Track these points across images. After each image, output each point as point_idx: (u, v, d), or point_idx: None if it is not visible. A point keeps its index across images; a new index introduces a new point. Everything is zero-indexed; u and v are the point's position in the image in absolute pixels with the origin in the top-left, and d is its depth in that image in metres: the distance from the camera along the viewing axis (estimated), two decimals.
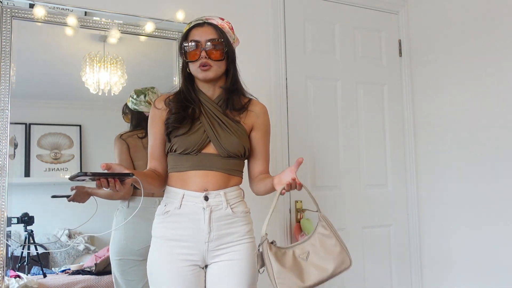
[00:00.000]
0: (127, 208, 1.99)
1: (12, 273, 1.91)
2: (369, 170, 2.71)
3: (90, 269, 2.09)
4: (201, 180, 1.50)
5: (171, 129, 1.52)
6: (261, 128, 1.62)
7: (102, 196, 2.01)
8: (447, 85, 2.62)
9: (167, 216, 1.51)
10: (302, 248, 1.39)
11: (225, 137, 1.52)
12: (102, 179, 1.28)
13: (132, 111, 2.11)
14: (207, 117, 1.54)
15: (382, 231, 2.73)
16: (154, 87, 2.09)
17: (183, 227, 1.48)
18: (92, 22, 2.09)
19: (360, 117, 2.72)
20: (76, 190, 2.00)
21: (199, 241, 1.48)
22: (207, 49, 1.51)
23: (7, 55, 1.91)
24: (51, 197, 2.02)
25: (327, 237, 1.40)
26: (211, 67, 1.52)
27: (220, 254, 1.50)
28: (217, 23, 1.56)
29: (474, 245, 2.46)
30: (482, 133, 2.42)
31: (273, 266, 1.32)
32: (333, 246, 1.39)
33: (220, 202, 1.50)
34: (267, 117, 1.65)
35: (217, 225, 1.48)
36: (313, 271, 1.34)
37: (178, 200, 1.50)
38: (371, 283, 2.66)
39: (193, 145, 1.50)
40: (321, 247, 1.38)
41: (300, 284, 1.32)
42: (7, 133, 1.89)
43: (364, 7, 2.78)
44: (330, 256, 1.37)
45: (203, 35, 1.52)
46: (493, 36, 2.37)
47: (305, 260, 1.35)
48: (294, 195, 2.47)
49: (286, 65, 2.50)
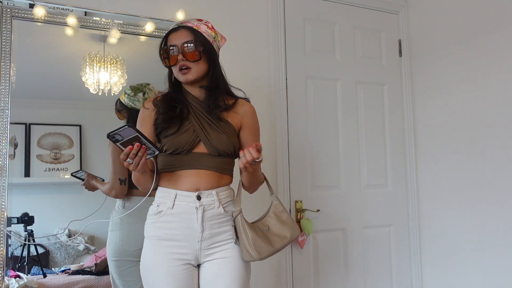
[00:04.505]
0: (123, 208, 1.97)
1: (12, 273, 1.91)
2: (369, 170, 2.71)
3: (90, 269, 2.09)
4: (193, 179, 1.53)
5: (160, 129, 1.55)
6: (249, 127, 1.65)
7: (102, 191, 2.02)
8: (447, 85, 2.62)
9: (160, 216, 1.53)
10: (263, 223, 1.61)
11: (215, 136, 1.54)
12: (136, 144, 1.36)
13: (127, 108, 2.05)
14: (196, 116, 1.57)
15: (382, 231, 2.73)
16: (149, 83, 2.04)
17: (176, 227, 1.51)
18: (92, 22, 2.09)
19: (360, 117, 2.72)
20: (88, 177, 2.07)
21: (192, 240, 1.50)
22: (183, 52, 1.54)
23: (7, 55, 1.91)
24: (71, 174, 2.11)
25: (281, 212, 1.64)
26: (190, 69, 1.55)
27: (212, 252, 1.53)
28: (193, 24, 1.58)
29: (474, 245, 2.46)
30: (482, 133, 2.42)
31: (248, 234, 1.50)
32: (286, 219, 1.63)
33: (212, 202, 1.53)
34: (255, 117, 1.68)
35: (209, 224, 1.51)
36: (276, 239, 1.57)
37: (171, 200, 1.52)
38: (371, 283, 2.66)
39: (183, 144, 1.52)
40: (277, 220, 1.61)
41: (270, 248, 1.54)
42: (7, 133, 1.89)
43: (364, 7, 2.78)
44: (286, 226, 1.61)
45: (179, 39, 1.56)
46: (493, 36, 2.37)
47: (268, 231, 1.58)
48: (294, 195, 2.47)
49: (286, 65, 2.50)
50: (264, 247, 1.52)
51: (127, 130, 1.34)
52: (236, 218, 1.53)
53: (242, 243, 1.52)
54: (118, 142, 1.36)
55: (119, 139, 1.35)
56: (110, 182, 1.97)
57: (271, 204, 1.65)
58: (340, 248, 2.59)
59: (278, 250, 1.56)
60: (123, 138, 1.35)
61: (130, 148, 1.36)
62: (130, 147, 1.36)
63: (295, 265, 2.44)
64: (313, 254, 2.51)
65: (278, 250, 1.56)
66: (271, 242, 1.55)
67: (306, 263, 2.48)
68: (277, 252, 1.57)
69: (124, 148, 1.37)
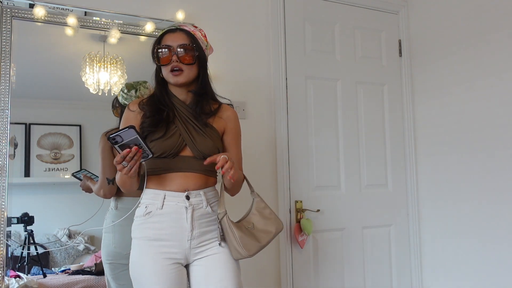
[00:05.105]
0: (115, 209, 1.92)
1: (12, 273, 1.91)
2: (369, 170, 2.71)
3: (90, 269, 2.09)
4: (182, 181, 1.55)
5: (146, 133, 1.56)
6: (232, 131, 1.70)
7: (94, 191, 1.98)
8: (447, 85, 2.62)
9: (149, 217, 1.54)
10: (247, 221, 1.65)
11: (200, 140, 1.58)
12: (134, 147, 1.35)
13: (121, 105, 1.99)
14: (182, 121, 1.59)
15: (382, 231, 2.73)
16: (147, 81, 1.98)
17: (166, 227, 1.52)
18: (92, 22, 2.09)
19: (360, 117, 2.72)
20: (84, 178, 2.05)
21: (182, 239, 1.53)
22: (178, 54, 1.56)
23: (7, 55, 1.91)
24: (71, 174, 2.08)
25: (263, 208, 1.68)
26: (182, 71, 1.57)
27: (202, 251, 1.56)
28: (189, 29, 1.62)
29: (474, 245, 2.46)
30: (482, 133, 2.42)
31: (236, 233, 1.55)
32: (269, 214, 1.68)
33: (200, 201, 1.56)
34: (238, 122, 1.74)
35: (198, 223, 1.55)
36: (262, 235, 1.63)
37: (160, 201, 1.53)
38: (371, 283, 2.66)
39: (170, 149, 1.55)
40: (261, 217, 1.66)
41: (258, 243, 1.60)
42: (7, 133, 1.89)
43: (364, 7, 2.78)
44: (269, 221, 1.66)
45: (175, 40, 1.58)
46: (493, 36, 2.37)
47: (253, 229, 1.63)
48: (294, 195, 2.47)
49: (286, 65, 2.50)
50: (252, 244, 1.57)
51: (128, 132, 1.33)
52: (222, 220, 1.56)
53: (231, 243, 1.56)
54: (117, 144, 1.35)
55: (118, 141, 1.34)
56: (98, 182, 1.93)
57: (253, 202, 1.70)
58: (340, 248, 2.58)
59: (265, 245, 1.62)
60: (122, 140, 1.34)
61: (128, 151, 1.36)
62: (128, 150, 1.36)
63: (295, 265, 2.44)
64: (313, 254, 2.51)
65: (266, 245, 1.63)
66: (257, 239, 1.61)
67: (306, 263, 2.48)
68: (265, 247, 1.63)
69: (121, 150, 1.36)
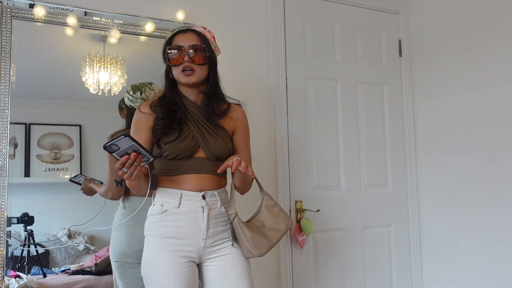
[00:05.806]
0: (123, 209, 1.96)
1: (12, 273, 1.91)
2: (369, 170, 2.71)
3: (90, 269, 2.09)
4: (197, 181, 1.57)
5: (160, 135, 1.57)
6: (241, 132, 1.72)
7: (99, 193, 2.01)
8: (447, 85, 2.62)
9: (165, 215, 1.55)
10: (257, 220, 1.67)
11: (213, 142, 1.59)
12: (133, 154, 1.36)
13: (128, 107, 2.01)
14: (194, 122, 1.60)
15: (382, 231, 2.73)
16: (152, 82, 2.00)
17: (182, 225, 1.54)
18: (92, 22, 2.09)
19: (360, 117, 2.72)
20: (85, 181, 2.05)
21: (197, 238, 1.54)
22: (190, 54, 1.57)
23: (7, 55, 1.91)
24: (69, 180, 2.09)
25: (272, 206, 1.69)
26: (194, 71, 1.58)
27: (215, 250, 1.58)
28: (200, 30, 1.64)
29: (474, 245, 2.46)
30: (482, 133, 2.42)
31: (247, 234, 1.58)
32: (279, 212, 1.69)
33: (215, 201, 1.58)
34: (247, 122, 1.75)
35: (213, 223, 1.57)
36: (272, 233, 1.65)
37: (177, 200, 1.55)
38: (371, 283, 2.66)
39: (184, 151, 1.56)
40: (270, 215, 1.67)
41: (268, 242, 1.62)
42: (7, 133, 1.89)
43: (364, 7, 2.78)
44: (279, 219, 1.68)
45: (186, 41, 1.59)
46: (493, 36, 2.37)
47: (263, 228, 1.65)
48: (294, 195, 2.47)
49: (286, 65, 2.50)
50: (263, 243, 1.60)
51: (123, 140, 1.34)
52: (233, 221, 1.58)
53: (242, 243, 1.59)
54: (114, 152, 1.36)
55: (115, 149, 1.35)
56: (106, 184, 1.96)
57: (263, 200, 1.71)
58: (340, 248, 2.59)
59: (275, 243, 1.65)
60: (119, 148, 1.35)
61: (126, 158, 1.37)
62: (127, 157, 1.37)
63: (295, 265, 2.44)
64: (313, 254, 2.51)
65: (276, 243, 1.66)
66: (268, 237, 1.63)
67: (306, 263, 2.48)
68: (275, 245, 1.66)
69: (120, 158, 1.37)
